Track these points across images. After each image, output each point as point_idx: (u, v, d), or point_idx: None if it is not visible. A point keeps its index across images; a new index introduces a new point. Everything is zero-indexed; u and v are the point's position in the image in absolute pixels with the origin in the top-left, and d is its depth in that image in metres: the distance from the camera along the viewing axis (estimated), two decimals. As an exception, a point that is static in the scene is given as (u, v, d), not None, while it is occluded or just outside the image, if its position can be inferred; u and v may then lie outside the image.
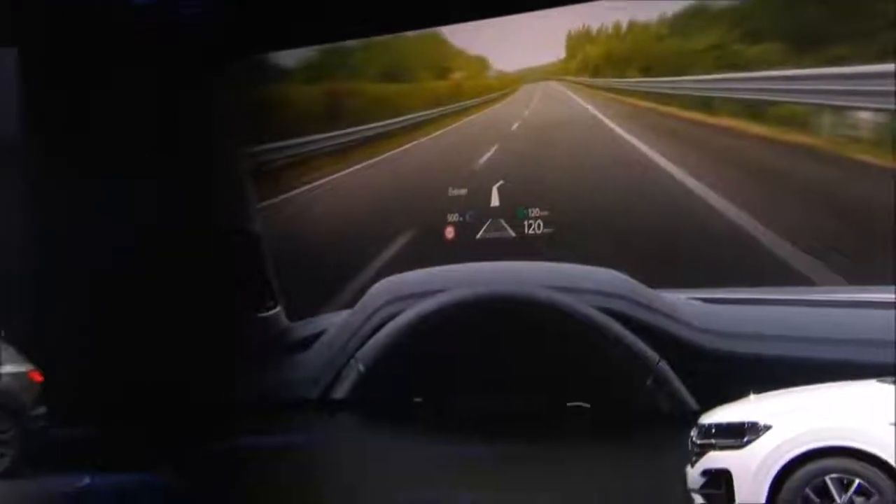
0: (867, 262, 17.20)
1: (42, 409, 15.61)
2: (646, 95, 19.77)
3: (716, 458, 9.07)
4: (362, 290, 22.00)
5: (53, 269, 20.99)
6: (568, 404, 19.34)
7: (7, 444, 15.10)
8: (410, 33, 22.32)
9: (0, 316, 16.37)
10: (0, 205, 21.05)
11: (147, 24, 21.66)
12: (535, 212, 20.43)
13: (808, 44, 18.03)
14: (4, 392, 15.27)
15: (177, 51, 21.93)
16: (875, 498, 8.56)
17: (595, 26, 20.44)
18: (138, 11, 21.58)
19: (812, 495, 8.66)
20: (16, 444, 15.15)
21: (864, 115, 17.59)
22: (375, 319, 21.66)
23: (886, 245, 16.74)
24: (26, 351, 16.04)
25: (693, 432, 9.43)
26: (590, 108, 20.32)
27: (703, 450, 9.21)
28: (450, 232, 21.42)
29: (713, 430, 9.22)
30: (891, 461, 8.54)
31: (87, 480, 15.11)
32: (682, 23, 19.40)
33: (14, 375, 15.49)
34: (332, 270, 22.36)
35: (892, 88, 16.89)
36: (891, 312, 16.36)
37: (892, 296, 16.59)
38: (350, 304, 22.16)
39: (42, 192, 21.19)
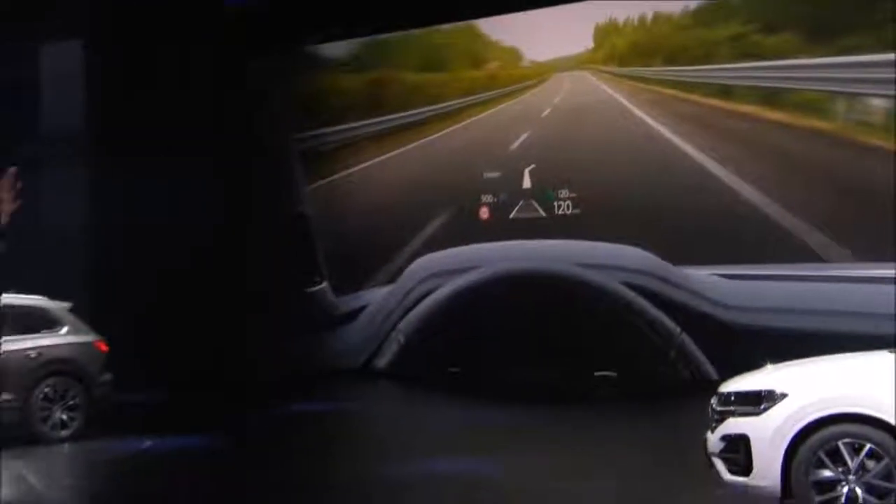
0: (874, 239, 17.17)
1: (108, 377, 15.74)
2: (669, 83, 19.73)
3: (735, 424, 9.07)
4: (402, 267, 22.12)
5: (123, 250, 21.30)
6: (595, 373, 19.41)
7: (76, 409, 15.25)
8: (447, 26, 22.36)
9: (74, 293, 16.52)
10: (66, 193, 21.30)
11: (198, 15, 21.87)
12: (565, 193, 20.46)
13: (821, 34, 17.97)
14: (73, 360, 15.42)
15: (227, 41, 22.09)
16: (885, 461, 8.55)
17: (622, 18, 20.41)
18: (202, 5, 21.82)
19: (825, 459, 8.66)
20: (83, 409, 15.31)
21: (875, 102, 17.52)
22: (415, 294, 21.82)
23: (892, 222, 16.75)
24: (98, 323, 16.16)
25: (713, 400, 9.42)
26: (616, 95, 20.30)
27: (722, 416, 9.20)
28: (484, 212, 21.47)
29: (732, 398, 9.22)
30: (900, 426, 8.60)
31: (148, 443, 15.26)
32: (703, 15, 19.37)
33: (82, 345, 15.62)
34: (373, 248, 22.47)
35: (897, 76, 16.90)
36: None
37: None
38: (391, 280, 22.28)
39: (107, 179, 21.44)
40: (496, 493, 11.65)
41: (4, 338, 15.05)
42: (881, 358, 9.14)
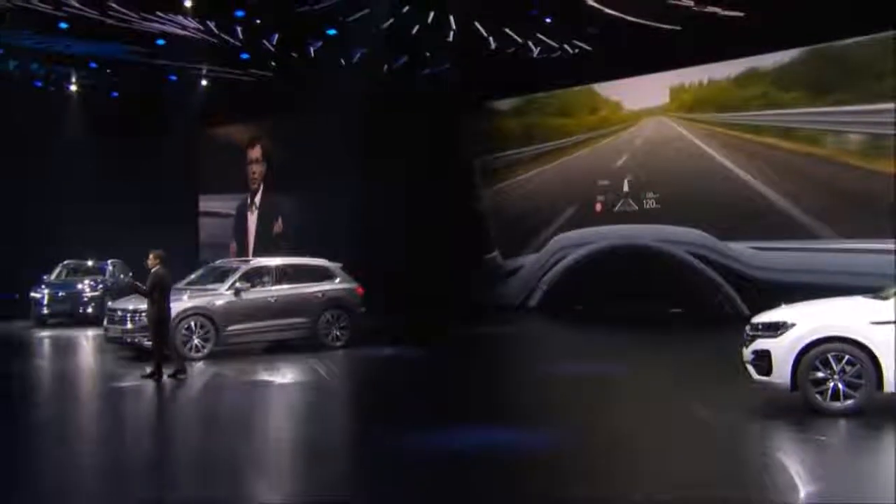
0: (853, 223, 16.91)
1: (363, 309, 16.09)
2: (719, 124, 19.49)
3: (761, 343, 9.15)
4: (544, 242, 22.35)
5: (374, 229, 22.23)
6: (670, 310, 19.42)
7: (346, 329, 15.60)
8: (574, 88, 22.40)
9: (345, 257, 16.99)
10: (338, 195, 22.00)
11: (422, 85, 22.46)
12: (650, 195, 20.41)
13: (819, 92, 17.66)
14: (342, 298, 15.79)
15: (442, 101, 22.71)
16: (857, 366, 8.65)
17: (687, 82, 20.22)
18: (421, 78, 22.46)
19: (819, 365, 8.76)
20: (349, 328, 15.70)
21: (853, 137, 17.22)
22: (553, 259, 22.06)
23: (864, 212, 16.51)
24: (357, 275, 16.63)
25: (747, 328, 9.48)
26: (684, 132, 20.12)
27: (752, 338, 9.28)
28: (598, 207, 21.50)
29: (759, 326, 9.29)
30: (867, 344, 8.64)
31: (389, 350, 15.72)
32: (741, 80, 19.07)
33: (348, 289, 16.01)
34: (526, 230, 22.70)
35: (874, 120, 16.58)
36: (869, 255, 16.18)
37: (871, 244, 16.36)
38: (538, 250, 22.51)
39: (364, 184, 22.40)
40: (610, 383, 11.90)
41: (303, 284, 15.76)
42: (856, 301, 9.18)
